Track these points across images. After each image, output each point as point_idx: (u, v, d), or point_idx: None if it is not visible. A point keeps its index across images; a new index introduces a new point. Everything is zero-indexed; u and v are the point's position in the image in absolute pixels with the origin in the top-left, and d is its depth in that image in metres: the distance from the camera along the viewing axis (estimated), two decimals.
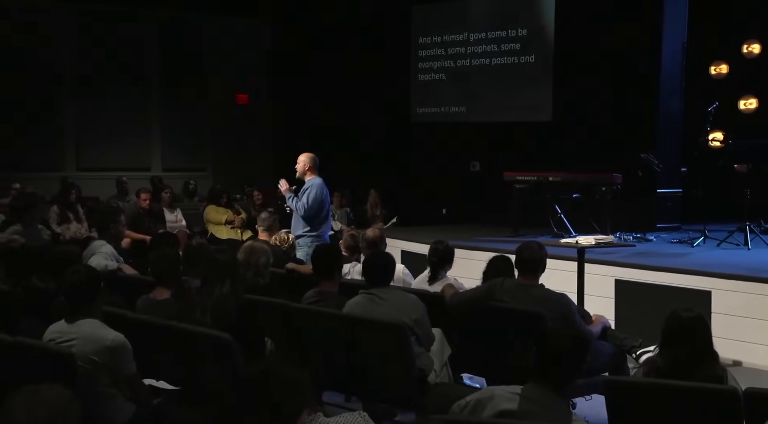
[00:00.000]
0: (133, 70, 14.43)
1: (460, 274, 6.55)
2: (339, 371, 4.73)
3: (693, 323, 3.81)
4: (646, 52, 10.57)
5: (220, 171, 15.08)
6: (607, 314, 6.04)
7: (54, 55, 13.84)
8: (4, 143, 13.19)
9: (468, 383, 5.44)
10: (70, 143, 14.09)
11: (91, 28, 14.09)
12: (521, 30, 12.09)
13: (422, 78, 13.36)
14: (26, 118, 13.47)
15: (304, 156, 7.76)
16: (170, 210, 10.79)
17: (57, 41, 13.86)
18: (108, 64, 14.19)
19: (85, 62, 14.07)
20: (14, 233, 7.69)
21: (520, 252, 5.16)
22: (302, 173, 7.72)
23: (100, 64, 14.14)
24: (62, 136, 14.01)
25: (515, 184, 9.96)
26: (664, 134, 10.52)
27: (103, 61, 14.16)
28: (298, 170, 7.74)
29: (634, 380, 4.05)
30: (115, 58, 14.23)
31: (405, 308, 4.70)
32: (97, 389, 3.91)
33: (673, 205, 10.51)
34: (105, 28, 14.17)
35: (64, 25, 13.94)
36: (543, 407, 3.13)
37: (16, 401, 2.35)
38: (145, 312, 4.95)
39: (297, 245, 7.47)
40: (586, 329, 5.06)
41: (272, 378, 2.71)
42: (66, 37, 13.95)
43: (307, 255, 7.17)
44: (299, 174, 7.74)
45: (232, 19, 15.18)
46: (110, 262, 6.44)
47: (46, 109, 13.73)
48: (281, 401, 2.68)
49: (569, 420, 3.17)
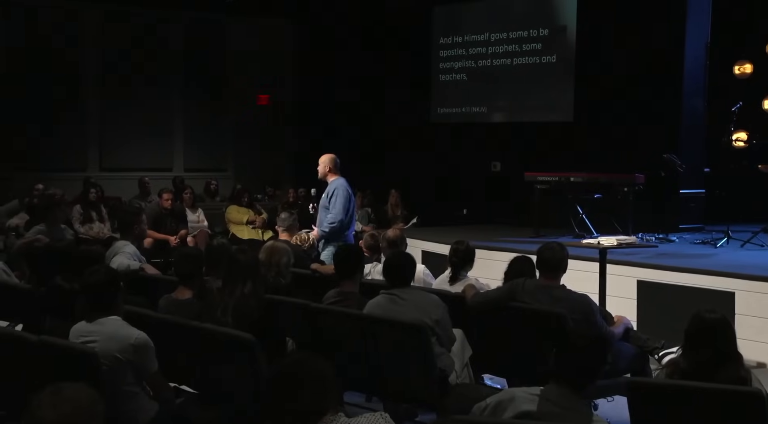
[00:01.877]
0: (157, 70, 14.51)
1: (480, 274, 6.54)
2: (359, 372, 4.74)
3: (716, 324, 3.77)
4: (668, 52, 10.50)
5: (242, 171, 15.14)
6: (629, 316, 6.01)
7: (79, 55, 13.94)
8: (30, 144, 13.31)
9: (489, 383, 5.43)
10: (94, 144, 14.19)
11: (115, 29, 14.18)
12: (543, 30, 12.05)
13: (443, 78, 13.35)
14: (51, 118, 13.59)
15: (324, 157, 7.77)
16: (192, 210, 10.85)
17: (82, 42, 13.97)
18: (131, 64, 14.27)
19: (109, 63, 14.16)
20: (38, 233, 7.78)
21: (541, 253, 5.15)
22: (324, 175, 7.72)
23: (124, 64, 14.23)
24: (85, 136, 14.11)
25: (536, 185, 9.93)
26: (687, 134, 10.45)
27: (127, 61, 14.24)
28: (319, 172, 7.74)
29: (657, 381, 4.02)
30: (139, 58, 14.31)
31: (426, 308, 4.70)
32: (121, 388, 3.94)
33: (696, 205, 10.44)
34: (129, 29, 14.26)
35: (89, 26, 14.04)
36: (563, 408, 3.13)
37: (41, 399, 2.37)
38: (167, 312, 4.98)
39: (322, 245, 7.49)
40: (608, 330, 5.04)
41: (305, 370, 2.72)
42: (91, 37, 14.05)
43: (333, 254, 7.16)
44: (321, 176, 7.74)
45: (255, 19, 15.23)
46: (133, 262, 6.48)
47: (70, 109, 13.84)
48: (312, 393, 2.69)
49: (590, 421, 3.16)
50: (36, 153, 13.28)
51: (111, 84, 14.15)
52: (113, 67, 14.17)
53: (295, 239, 7.12)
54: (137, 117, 14.23)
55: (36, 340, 4.05)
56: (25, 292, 5.70)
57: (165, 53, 14.60)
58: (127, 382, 3.97)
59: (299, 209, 10.16)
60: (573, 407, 3.14)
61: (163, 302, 5.15)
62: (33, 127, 13.36)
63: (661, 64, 10.57)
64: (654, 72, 10.58)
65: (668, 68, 10.51)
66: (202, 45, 14.91)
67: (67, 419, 2.35)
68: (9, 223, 9.14)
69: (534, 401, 3.15)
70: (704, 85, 10.51)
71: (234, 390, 4.27)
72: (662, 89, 10.58)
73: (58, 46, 13.66)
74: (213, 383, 4.40)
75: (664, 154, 9.65)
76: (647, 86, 10.64)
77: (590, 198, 9.68)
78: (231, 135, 15.28)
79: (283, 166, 15.48)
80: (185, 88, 14.83)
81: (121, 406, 3.92)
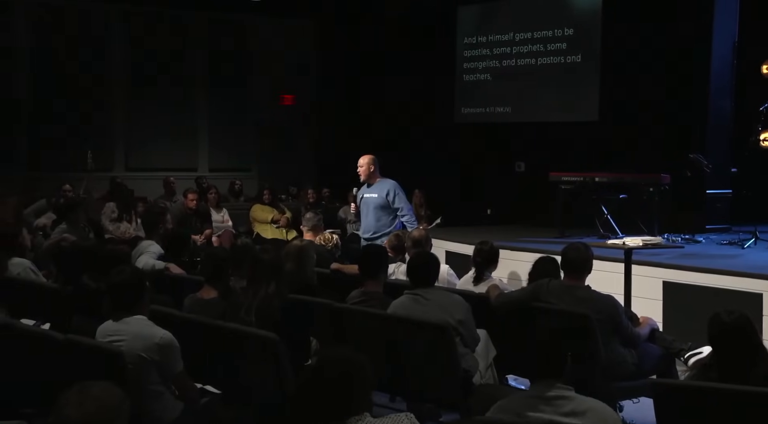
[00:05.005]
0: (182, 71, 14.60)
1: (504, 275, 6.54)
2: (383, 371, 4.73)
3: (738, 324, 3.72)
4: (695, 51, 10.41)
5: (266, 171, 15.19)
6: (655, 317, 5.96)
7: (106, 56, 14.05)
8: (58, 144, 13.44)
9: (513, 384, 5.41)
10: (119, 144, 14.31)
11: (140, 29, 14.28)
12: (567, 29, 11.99)
13: (467, 78, 13.32)
14: (79, 119, 13.71)
15: (365, 159, 7.87)
16: (217, 210, 10.89)
17: (109, 42, 14.08)
18: (157, 65, 14.37)
19: (136, 63, 14.27)
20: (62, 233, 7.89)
21: (565, 253, 5.13)
22: (367, 176, 7.85)
23: (150, 65, 14.33)
24: (112, 137, 14.23)
25: (561, 185, 9.87)
26: (713, 134, 10.35)
27: (153, 62, 14.34)
28: (361, 174, 7.86)
29: (683, 382, 4.00)
30: (164, 59, 14.41)
31: (449, 308, 4.70)
32: (146, 387, 3.96)
33: (723, 206, 10.33)
34: (154, 30, 14.36)
35: (115, 27, 14.16)
36: (569, 397, 3.18)
37: (68, 398, 2.40)
38: (192, 311, 5.00)
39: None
40: (633, 331, 5.01)
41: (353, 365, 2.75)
42: (117, 38, 14.16)
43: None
44: (364, 178, 7.86)
45: (280, 19, 15.27)
46: (158, 261, 6.53)
47: (97, 109, 13.96)
48: (357, 387, 2.71)
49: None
50: (64, 153, 13.39)
51: (137, 84, 14.26)
52: (139, 67, 14.28)
53: (319, 239, 7.14)
54: (163, 117, 14.33)
55: (63, 339, 4.09)
56: (52, 291, 5.76)
57: (190, 54, 14.69)
58: (153, 381, 3.99)
59: (323, 209, 10.18)
60: (571, 395, 3.20)
61: (188, 301, 5.18)
62: (60, 127, 13.50)
63: (688, 63, 10.48)
64: (680, 71, 10.50)
65: (695, 67, 10.42)
66: (227, 45, 15.00)
67: (93, 418, 2.37)
68: (36, 222, 9.25)
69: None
70: (731, 85, 10.40)
71: (258, 390, 4.28)
72: (689, 89, 10.49)
73: (86, 46, 13.79)
74: (237, 382, 4.42)
75: (690, 154, 9.57)
76: (673, 86, 10.55)
77: (615, 198, 9.62)
78: (255, 135, 15.34)
79: (307, 166, 15.51)
80: (210, 88, 14.91)
81: (146, 405, 3.94)
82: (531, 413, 3.16)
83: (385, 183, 7.85)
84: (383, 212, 7.79)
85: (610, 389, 4.69)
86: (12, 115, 13.31)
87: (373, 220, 7.83)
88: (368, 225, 7.88)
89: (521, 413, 3.18)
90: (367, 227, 7.91)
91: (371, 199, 7.84)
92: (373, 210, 7.82)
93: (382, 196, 7.77)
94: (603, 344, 4.74)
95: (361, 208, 7.98)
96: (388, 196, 7.76)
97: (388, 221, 7.78)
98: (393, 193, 7.77)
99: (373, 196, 7.82)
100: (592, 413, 3.14)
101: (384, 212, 7.80)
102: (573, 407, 3.16)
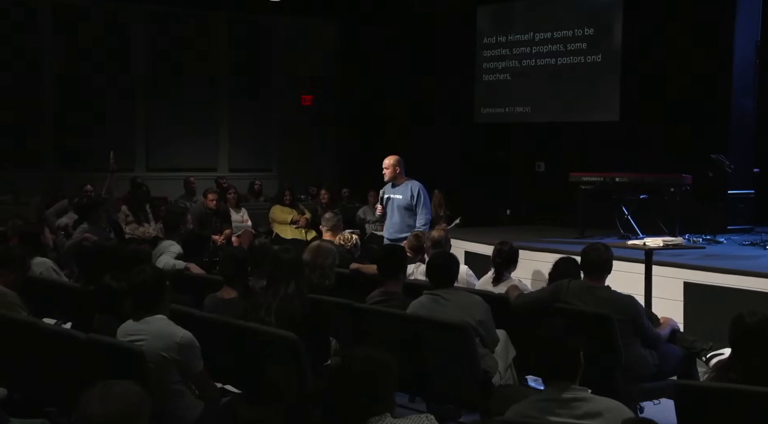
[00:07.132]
0: (204, 71, 14.66)
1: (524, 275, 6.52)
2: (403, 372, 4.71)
3: (761, 326, 3.69)
4: (717, 51, 10.33)
5: (286, 171, 15.22)
6: (676, 318, 5.93)
7: (129, 56, 14.13)
8: (82, 144, 13.52)
9: (533, 385, 5.39)
10: (140, 144, 14.39)
11: (162, 29, 14.36)
12: (588, 29, 11.93)
13: (487, 78, 13.29)
14: (102, 119, 13.80)
15: (391, 160, 7.86)
16: (236, 210, 10.93)
17: (132, 42, 14.17)
18: (179, 65, 14.44)
19: (157, 63, 14.35)
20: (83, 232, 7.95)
21: (586, 253, 5.11)
22: (392, 177, 7.83)
23: (171, 65, 14.40)
24: (133, 136, 14.31)
25: (581, 185, 9.82)
26: (735, 134, 10.28)
27: (175, 62, 14.41)
28: (387, 174, 7.84)
29: (705, 384, 3.96)
30: (186, 59, 14.48)
31: (469, 308, 4.70)
32: (167, 386, 3.98)
33: (745, 206, 10.26)
34: (176, 30, 14.43)
35: (138, 27, 14.24)
36: (584, 399, 3.17)
37: (89, 396, 2.42)
38: (212, 311, 5.02)
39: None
40: (654, 331, 4.99)
41: (379, 364, 2.77)
42: (140, 38, 14.24)
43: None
44: (389, 178, 7.84)
45: (302, 19, 15.30)
46: (178, 261, 6.56)
47: (119, 110, 14.04)
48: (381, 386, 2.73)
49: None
50: (86, 153, 13.48)
51: (159, 84, 14.33)
52: (161, 67, 14.35)
53: (339, 239, 7.15)
54: (184, 117, 14.39)
55: (85, 338, 4.12)
56: (74, 290, 5.80)
57: (212, 53, 14.75)
58: (174, 380, 4.02)
59: (342, 209, 10.18)
60: (586, 396, 3.19)
61: (208, 301, 5.20)
62: (84, 128, 13.59)
63: (710, 62, 10.40)
64: (702, 71, 10.42)
65: (717, 67, 10.34)
66: (249, 45, 15.04)
67: (116, 417, 2.39)
68: (58, 222, 9.33)
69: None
70: (754, 84, 10.32)
71: (278, 389, 4.29)
72: (710, 88, 10.41)
73: (110, 47, 13.88)
74: (257, 382, 4.43)
75: (712, 154, 9.51)
76: (695, 85, 10.48)
77: (636, 198, 9.57)
78: (276, 135, 15.38)
79: (328, 167, 15.53)
80: (231, 89, 14.97)
81: (167, 404, 3.96)
82: (547, 417, 3.14)
83: (410, 184, 7.84)
84: (408, 212, 7.77)
85: (630, 390, 4.67)
86: (37, 116, 13.43)
87: (398, 220, 7.82)
88: (393, 225, 7.86)
89: (536, 417, 3.17)
90: (392, 227, 7.88)
91: (396, 199, 7.83)
92: (398, 210, 7.81)
93: (406, 197, 7.76)
94: (624, 345, 4.71)
95: (387, 209, 7.96)
96: (412, 198, 7.75)
97: (413, 221, 7.76)
98: (417, 195, 7.75)
99: (398, 196, 7.81)
100: (608, 413, 3.13)
101: (409, 213, 7.77)
102: (588, 408, 3.14)
